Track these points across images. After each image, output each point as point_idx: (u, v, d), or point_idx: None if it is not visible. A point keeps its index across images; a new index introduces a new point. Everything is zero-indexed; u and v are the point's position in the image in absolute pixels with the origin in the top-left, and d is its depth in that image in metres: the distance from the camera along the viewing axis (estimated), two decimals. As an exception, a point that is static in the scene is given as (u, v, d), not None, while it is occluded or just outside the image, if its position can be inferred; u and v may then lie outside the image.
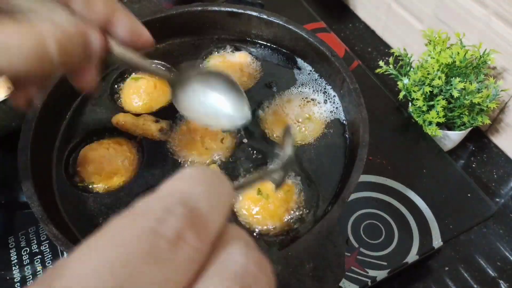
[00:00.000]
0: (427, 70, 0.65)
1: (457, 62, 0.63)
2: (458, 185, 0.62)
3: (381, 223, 0.58)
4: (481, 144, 0.75)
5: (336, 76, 0.56)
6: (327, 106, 0.57)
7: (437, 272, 0.59)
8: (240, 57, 0.61)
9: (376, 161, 0.63)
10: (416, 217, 0.58)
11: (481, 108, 0.65)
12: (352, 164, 0.47)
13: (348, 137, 0.54)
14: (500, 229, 0.65)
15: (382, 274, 0.54)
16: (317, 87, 0.58)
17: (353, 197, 0.59)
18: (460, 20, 0.71)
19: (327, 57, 0.56)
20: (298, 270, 0.40)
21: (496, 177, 0.71)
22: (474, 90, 0.62)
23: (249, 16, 0.61)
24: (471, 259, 0.61)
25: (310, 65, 0.60)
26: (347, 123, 0.55)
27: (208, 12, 0.61)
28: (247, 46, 0.63)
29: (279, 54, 0.62)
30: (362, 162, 0.46)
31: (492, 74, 0.69)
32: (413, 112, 0.69)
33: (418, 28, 0.79)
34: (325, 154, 0.52)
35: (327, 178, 0.50)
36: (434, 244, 0.56)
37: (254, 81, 0.59)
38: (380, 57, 0.87)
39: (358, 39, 0.91)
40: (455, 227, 0.58)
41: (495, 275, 0.60)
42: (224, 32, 0.64)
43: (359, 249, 0.56)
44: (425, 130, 0.67)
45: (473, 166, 0.72)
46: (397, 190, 0.61)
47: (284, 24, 0.59)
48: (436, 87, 0.65)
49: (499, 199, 0.69)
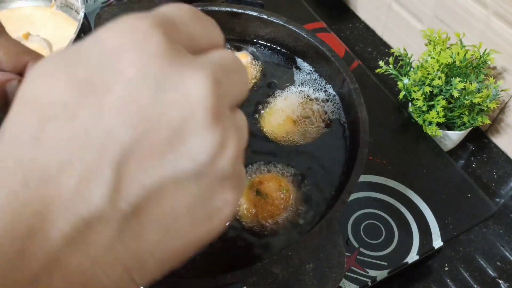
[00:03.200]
0: (427, 70, 0.65)
1: (457, 62, 0.63)
2: (458, 185, 0.62)
3: (381, 223, 0.58)
4: (481, 144, 0.75)
5: (336, 76, 0.56)
6: (327, 106, 0.57)
7: (437, 272, 0.59)
8: (240, 57, 0.61)
9: (376, 161, 0.63)
10: (416, 217, 0.58)
11: (481, 108, 0.65)
12: (352, 164, 0.47)
13: (348, 137, 0.54)
14: (500, 229, 0.65)
15: (382, 274, 0.54)
16: (317, 87, 0.58)
17: (353, 197, 0.59)
18: (460, 20, 0.71)
19: (327, 57, 0.56)
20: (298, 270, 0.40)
21: (496, 177, 0.71)
22: (474, 90, 0.62)
23: (249, 16, 0.61)
24: (471, 259, 0.61)
25: (310, 65, 0.60)
26: (347, 123, 0.55)
27: (208, 12, 0.61)
28: (247, 46, 0.63)
29: (279, 54, 0.62)
30: (362, 162, 0.46)
31: (492, 74, 0.69)
32: (413, 112, 0.69)
33: (418, 28, 0.79)
34: (325, 154, 0.52)
35: (327, 178, 0.50)
36: (434, 244, 0.56)
37: (254, 81, 0.60)
38: (380, 57, 0.87)
39: (358, 39, 0.91)
40: (455, 227, 0.58)
41: (495, 275, 0.60)
42: (224, 32, 0.63)
43: (359, 249, 0.56)
44: (425, 130, 0.67)
45: (473, 166, 0.72)
46: (397, 190, 0.61)
47: (284, 24, 0.59)
48: (436, 87, 0.65)
49: (499, 199, 0.69)
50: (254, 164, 0.52)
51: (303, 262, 0.40)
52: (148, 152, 0.17)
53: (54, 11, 0.72)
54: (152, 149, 0.17)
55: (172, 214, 0.19)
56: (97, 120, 0.17)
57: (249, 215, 0.48)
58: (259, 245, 0.46)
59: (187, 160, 0.18)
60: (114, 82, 0.17)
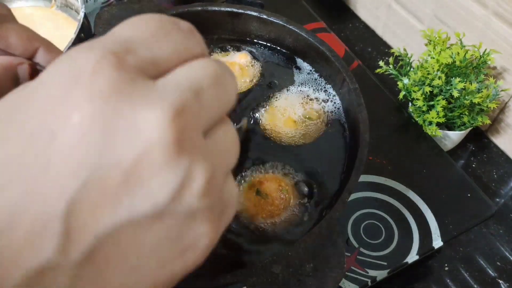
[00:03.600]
0: (427, 70, 0.65)
1: (457, 62, 0.63)
2: (458, 185, 0.62)
3: (381, 223, 0.58)
4: (481, 144, 0.75)
5: (336, 76, 0.56)
6: (327, 106, 0.57)
7: (437, 272, 0.59)
8: (240, 57, 0.61)
9: (376, 161, 0.63)
10: (416, 217, 0.58)
11: (481, 108, 0.65)
12: (352, 164, 0.47)
13: (348, 137, 0.54)
14: (500, 229, 0.65)
15: (382, 274, 0.54)
16: (317, 87, 0.58)
17: (353, 197, 0.59)
18: (460, 20, 0.71)
19: (327, 57, 0.56)
20: (298, 270, 0.40)
21: (496, 177, 0.71)
22: (474, 90, 0.62)
23: (249, 16, 0.61)
24: (471, 259, 0.61)
25: (310, 65, 0.60)
26: (347, 123, 0.55)
27: (208, 12, 0.61)
28: (247, 46, 0.63)
29: (279, 54, 0.62)
30: (362, 162, 0.46)
31: (492, 74, 0.69)
32: (413, 112, 0.69)
33: (418, 28, 0.79)
34: (325, 154, 0.52)
35: (327, 178, 0.50)
36: (434, 244, 0.56)
37: (254, 81, 0.60)
38: (380, 57, 0.87)
39: (358, 39, 0.91)
40: (455, 227, 0.58)
41: (495, 275, 0.60)
42: (224, 32, 0.64)
43: (359, 249, 0.56)
44: (425, 130, 0.67)
45: (473, 166, 0.72)
46: (397, 190, 0.61)
47: (284, 24, 0.59)
48: (436, 87, 0.65)
49: (499, 199, 0.69)
50: (254, 164, 0.52)
51: (303, 262, 0.40)
52: (99, 198, 0.16)
53: (54, 11, 0.72)
54: (104, 195, 0.17)
55: (134, 256, 0.18)
56: (44, 170, 0.16)
57: (249, 215, 0.48)
58: (259, 245, 0.46)
59: (144, 202, 0.17)
60: (59, 129, 0.16)
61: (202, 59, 0.20)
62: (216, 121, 0.19)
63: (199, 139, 0.18)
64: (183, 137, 0.17)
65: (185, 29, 0.20)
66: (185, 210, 0.18)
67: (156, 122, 0.17)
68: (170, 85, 0.18)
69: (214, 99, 0.19)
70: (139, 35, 0.19)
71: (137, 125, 0.17)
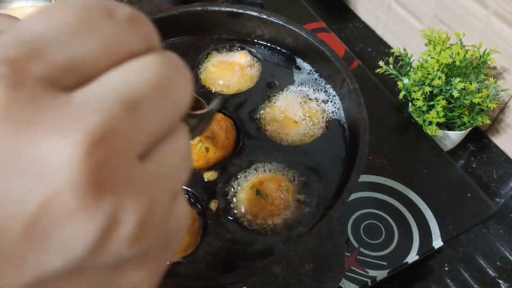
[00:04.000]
0: (427, 70, 0.65)
1: (457, 62, 0.63)
2: (458, 185, 0.62)
3: (381, 223, 0.58)
4: (481, 144, 0.75)
5: (336, 76, 0.56)
6: (327, 106, 0.57)
7: (437, 272, 0.59)
8: (240, 57, 0.61)
9: (376, 161, 0.63)
10: (416, 217, 0.58)
11: (481, 108, 0.65)
12: (352, 164, 0.47)
13: (348, 137, 0.54)
14: (500, 229, 0.65)
15: (382, 274, 0.54)
16: (317, 87, 0.58)
17: (353, 197, 0.59)
18: (460, 20, 0.71)
19: (327, 57, 0.56)
20: (298, 270, 0.40)
21: (496, 177, 0.71)
22: (474, 90, 0.62)
23: (249, 16, 0.61)
24: (471, 259, 0.61)
25: (310, 65, 0.60)
26: (347, 123, 0.55)
27: (208, 12, 0.61)
28: (247, 46, 0.63)
29: (279, 54, 0.62)
30: (362, 162, 0.46)
31: (492, 74, 0.69)
32: (413, 112, 0.69)
33: (418, 28, 0.79)
34: (325, 154, 0.52)
35: (327, 178, 0.50)
36: (434, 244, 0.56)
37: (254, 81, 0.59)
38: (380, 57, 0.87)
39: (358, 39, 0.91)
40: (455, 227, 0.58)
41: (495, 275, 0.60)
42: (224, 32, 0.64)
43: (359, 249, 0.56)
44: (425, 130, 0.67)
45: (473, 166, 0.72)
46: (397, 190, 0.61)
47: (284, 24, 0.59)
48: (436, 87, 0.65)
49: (499, 199, 0.69)
50: (254, 164, 0.52)
51: (303, 262, 0.40)
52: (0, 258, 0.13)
53: (54, 11, 0.72)
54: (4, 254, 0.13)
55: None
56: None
57: (249, 215, 0.48)
58: (259, 245, 0.46)
59: (55, 258, 0.14)
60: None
61: (142, 58, 0.15)
62: (160, 135, 0.15)
63: (130, 168, 0.14)
64: (104, 172, 0.13)
65: (121, 18, 0.15)
66: (112, 261, 0.14)
67: (65, 157, 0.13)
68: (91, 99, 0.14)
69: (156, 110, 0.15)
70: (53, 30, 0.14)
71: (41, 163, 0.13)
